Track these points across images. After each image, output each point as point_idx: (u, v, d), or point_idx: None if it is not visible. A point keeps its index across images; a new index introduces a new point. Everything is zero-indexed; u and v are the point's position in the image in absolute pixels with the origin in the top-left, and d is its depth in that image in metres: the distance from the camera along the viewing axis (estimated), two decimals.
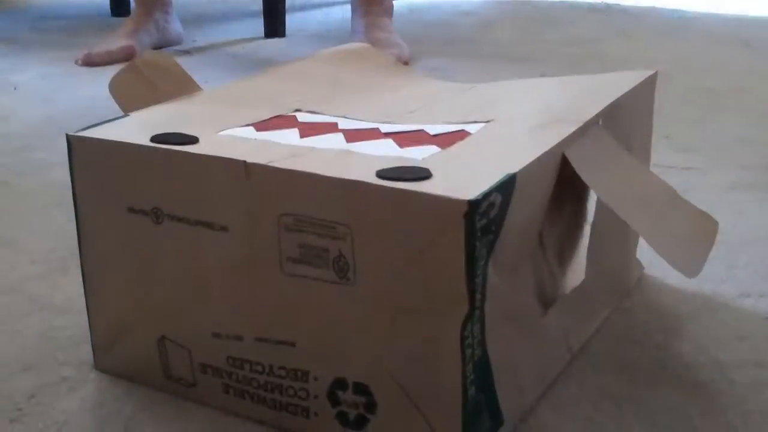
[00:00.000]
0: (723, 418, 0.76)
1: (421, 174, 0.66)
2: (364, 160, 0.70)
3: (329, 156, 0.72)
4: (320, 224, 0.68)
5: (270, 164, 0.69)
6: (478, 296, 0.66)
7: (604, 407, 0.78)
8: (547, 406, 0.78)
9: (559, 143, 0.73)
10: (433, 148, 0.74)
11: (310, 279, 0.70)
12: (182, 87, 0.94)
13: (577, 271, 0.89)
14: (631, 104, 0.87)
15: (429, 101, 0.90)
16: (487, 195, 0.63)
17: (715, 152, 1.42)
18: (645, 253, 1.03)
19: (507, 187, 0.65)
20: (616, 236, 0.90)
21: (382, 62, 1.07)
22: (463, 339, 0.65)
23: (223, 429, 0.76)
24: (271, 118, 0.84)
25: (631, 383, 0.81)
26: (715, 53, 2.11)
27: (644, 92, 0.91)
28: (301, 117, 0.85)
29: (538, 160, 0.69)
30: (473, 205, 0.62)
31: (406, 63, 2.00)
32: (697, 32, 2.37)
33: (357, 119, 0.84)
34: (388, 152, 0.73)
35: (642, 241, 1.02)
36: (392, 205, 0.65)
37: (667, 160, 1.38)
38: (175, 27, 2.31)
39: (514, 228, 0.69)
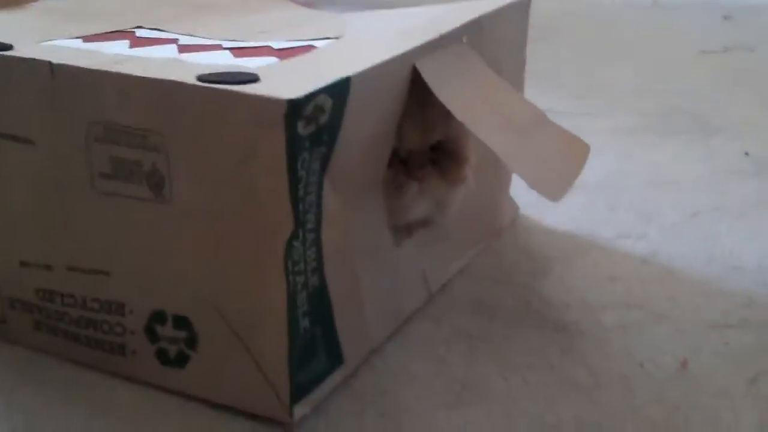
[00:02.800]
0: (583, 359, 0.70)
1: (246, 78, 0.58)
2: (189, 68, 0.62)
3: (152, 64, 0.64)
4: (131, 133, 0.60)
5: (77, 65, 0.61)
6: (309, 216, 0.59)
7: (457, 347, 0.71)
8: (395, 345, 0.72)
9: (407, 52, 0.66)
10: (272, 60, 0.66)
11: (123, 197, 0.62)
12: None
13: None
14: (498, 24, 0.80)
15: (288, 23, 0.82)
16: (311, 96, 0.55)
17: (611, 99, 1.37)
18: (523, 195, 0.97)
19: (339, 90, 0.58)
20: (484, 171, 0.83)
21: None
22: (287, 262, 0.58)
23: (34, 369, 0.68)
24: (106, 32, 0.75)
25: (490, 323, 0.75)
26: (623, 9, 2.07)
27: (514, 15, 0.84)
28: (140, 33, 0.77)
29: (379, 67, 0.62)
30: (293, 105, 0.54)
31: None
32: None
33: (202, 37, 0.76)
34: (219, 61, 0.65)
35: (519, 181, 0.96)
36: (208, 108, 0.57)
37: (559, 106, 1.31)
38: None
39: (354, 143, 0.62)
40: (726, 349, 0.72)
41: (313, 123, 0.56)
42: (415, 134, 0.70)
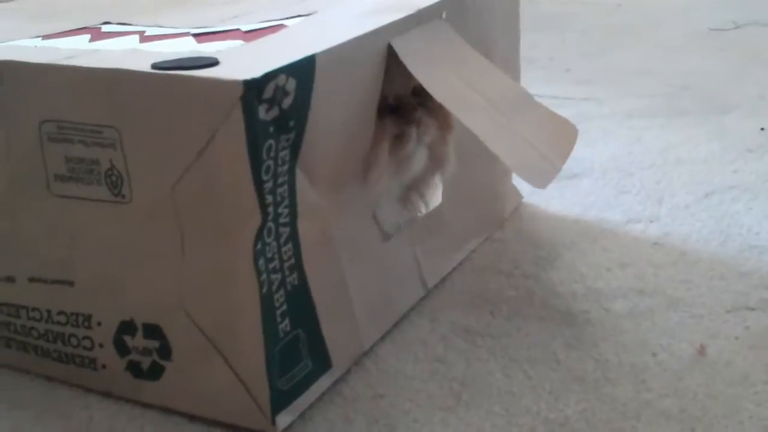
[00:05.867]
0: (592, 351, 0.65)
1: (205, 62, 0.54)
2: (147, 56, 0.57)
3: (109, 56, 0.59)
4: (85, 129, 0.56)
5: (23, 61, 0.57)
6: (282, 209, 0.55)
7: (456, 344, 0.67)
8: (390, 345, 0.67)
9: (380, 29, 0.61)
10: (237, 42, 0.62)
11: (81, 199, 0.57)
12: None
13: (435, 197, 0.77)
14: (483, 1, 0.75)
15: (260, 7, 0.78)
16: (270, 76, 0.51)
17: (616, 84, 1.31)
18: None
19: (303, 70, 0.53)
20: (481, 157, 0.78)
21: None
22: (257, 258, 0.53)
23: (5, 388, 0.63)
24: (71, 30, 0.71)
25: (491, 317, 0.70)
26: None
27: None
28: (107, 28, 0.72)
29: (349, 45, 0.58)
30: (251, 86, 0.50)
31: None
32: None
33: (169, 27, 0.71)
34: (180, 48, 0.61)
35: None
36: (163, 97, 0.53)
37: (566, 92, 1.27)
38: None
39: (327, 128, 0.57)
40: (746, 333, 0.67)
41: (276, 107, 0.52)
42: (400, 75, 0.65)
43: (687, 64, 1.40)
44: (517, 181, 0.89)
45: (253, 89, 0.50)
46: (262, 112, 0.51)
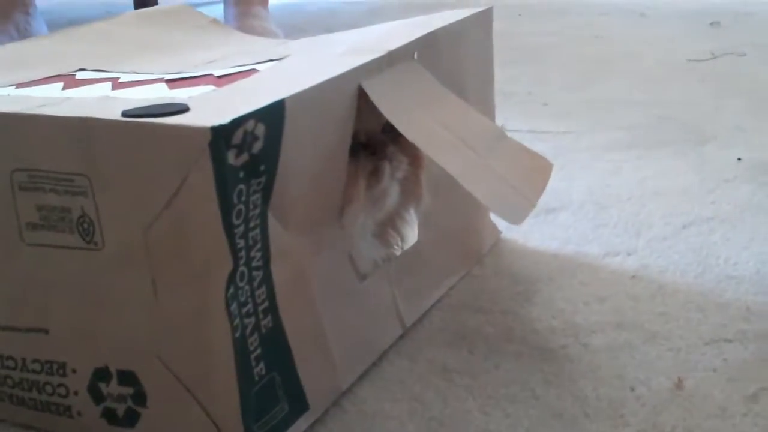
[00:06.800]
0: (571, 387, 0.65)
1: (175, 109, 0.54)
2: (118, 104, 0.58)
3: (80, 104, 0.59)
4: (56, 178, 0.56)
5: None
6: (255, 253, 0.55)
7: (434, 383, 0.66)
8: (368, 385, 0.67)
9: (350, 71, 0.61)
10: (208, 88, 0.62)
11: (53, 248, 0.57)
12: None
13: (412, 233, 0.77)
14: (456, 38, 0.76)
15: (235, 52, 0.78)
16: (239, 121, 0.51)
17: (594, 116, 1.32)
18: None
19: (272, 115, 0.53)
20: (458, 194, 0.78)
21: (200, 23, 0.95)
22: (229, 303, 0.53)
23: None
24: (45, 77, 0.71)
25: (470, 355, 0.70)
26: (609, 24, 2.03)
27: (475, 27, 0.80)
28: (81, 75, 0.73)
29: (318, 88, 0.58)
30: (219, 132, 0.50)
31: None
32: (593, 5, 2.27)
33: (144, 72, 0.72)
34: (152, 95, 0.61)
35: None
36: (133, 145, 0.53)
37: (543, 126, 1.27)
38: (39, 29, 2.16)
39: (299, 171, 0.57)
40: (723, 365, 0.67)
41: (245, 152, 0.52)
42: (371, 113, 0.65)
43: (665, 95, 1.41)
44: (496, 217, 0.89)
45: (222, 135, 0.50)
46: (232, 158, 0.51)
